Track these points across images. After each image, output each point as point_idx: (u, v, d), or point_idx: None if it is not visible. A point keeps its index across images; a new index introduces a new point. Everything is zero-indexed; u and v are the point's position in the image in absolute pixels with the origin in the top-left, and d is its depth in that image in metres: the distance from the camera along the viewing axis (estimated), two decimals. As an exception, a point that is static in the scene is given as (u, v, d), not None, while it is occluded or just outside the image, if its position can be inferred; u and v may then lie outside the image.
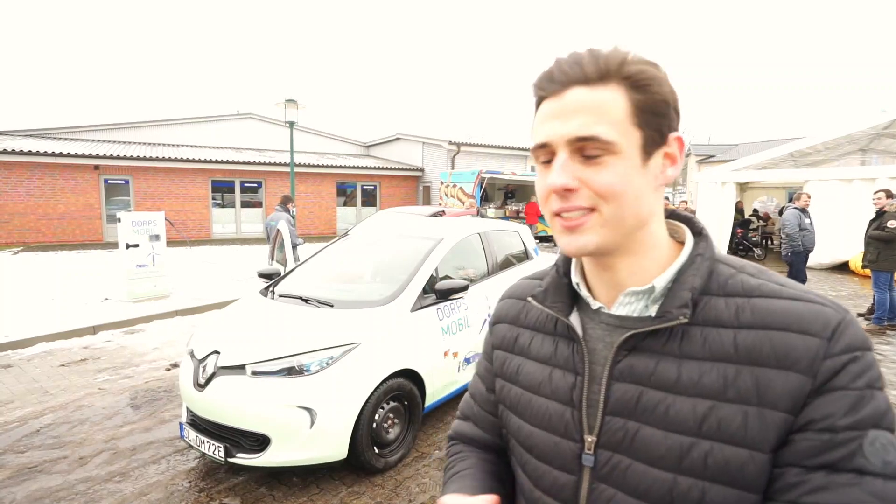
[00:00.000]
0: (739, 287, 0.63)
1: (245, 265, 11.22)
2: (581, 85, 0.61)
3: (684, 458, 0.59)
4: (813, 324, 0.58)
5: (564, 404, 0.71)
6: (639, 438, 0.63)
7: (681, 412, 0.60)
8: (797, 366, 0.57)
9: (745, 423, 0.57)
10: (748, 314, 0.61)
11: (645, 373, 0.64)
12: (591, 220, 0.62)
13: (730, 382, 0.59)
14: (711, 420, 0.58)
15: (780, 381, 0.57)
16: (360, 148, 25.46)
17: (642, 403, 0.63)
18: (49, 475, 3.21)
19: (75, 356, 5.50)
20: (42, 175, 14.66)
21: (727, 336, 0.60)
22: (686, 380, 0.61)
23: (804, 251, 7.34)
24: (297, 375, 2.93)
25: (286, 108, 9.87)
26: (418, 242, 4.11)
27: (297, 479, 3.14)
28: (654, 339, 0.64)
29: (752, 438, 0.57)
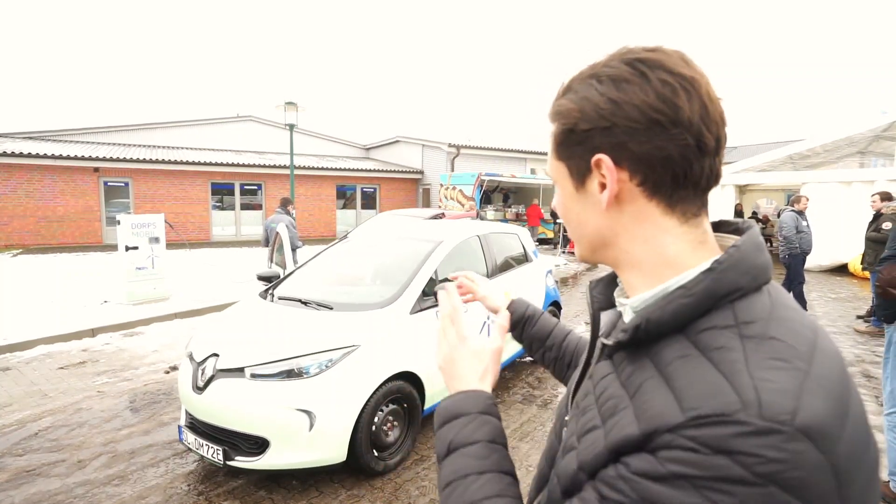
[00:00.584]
0: (707, 340, 0.52)
1: (245, 268, 11.22)
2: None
3: (561, 458, 0.64)
4: (695, 398, 0.47)
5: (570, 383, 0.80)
6: (568, 430, 0.68)
7: (584, 420, 0.61)
8: (643, 423, 0.50)
9: (590, 446, 0.57)
10: (675, 366, 0.52)
11: (597, 378, 0.65)
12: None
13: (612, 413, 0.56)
14: (588, 439, 0.58)
15: (625, 427, 0.52)
16: (360, 150, 25.48)
17: (583, 403, 0.65)
18: (47, 478, 3.20)
19: (74, 359, 5.49)
20: (41, 177, 14.66)
21: (645, 375, 0.55)
22: (604, 397, 0.60)
23: (801, 253, 7.36)
24: (297, 378, 2.92)
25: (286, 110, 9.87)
26: (418, 245, 4.11)
27: (296, 482, 3.13)
28: (621, 353, 0.62)
29: (582, 458, 0.58)
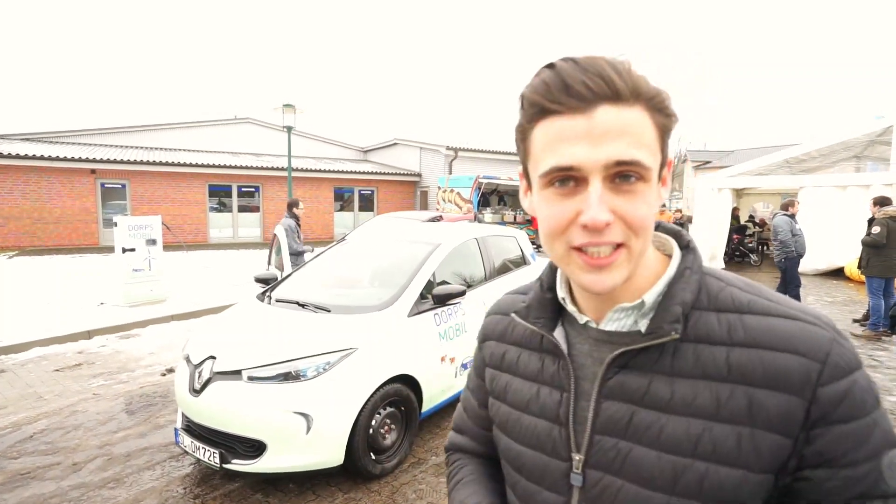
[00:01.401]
0: (730, 302, 0.62)
1: (242, 270, 11.20)
2: (611, 103, 0.55)
3: (679, 479, 0.58)
4: (805, 344, 0.57)
5: (552, 422, 0.68)
6: (631, 459, 0.61)
7: (675, 433, 0.59)
8: (789, 387, 0.56)
9: (738, 445, 0.56)
10: (741, 332, 0.59)
11: (637, 391, 0.62)
12: (621, 257, 0.58)
13: (723, 403, 0.57)
14: (706, 441, 0.57)
15: (772, 402, 0.56)
16: (358, 153, 25.49)
17: (634, 423, 0.61)
18: (42, 481, 3.18)
19: (70, 361, 5.47)
20: (38, 179, 14.61)
21: (720, 354, 0.59)
22: (679, 399, 0.59)
23: (797, 256, 7.42)
24: (294, 381, 2.92)
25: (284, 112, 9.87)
26: (415, 247, 4.11)
27: (293, 486, 3.12)
28: (645, 355, 0.62)
29: (745, 459, 0.56)
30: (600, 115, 0.55)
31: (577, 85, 0.55)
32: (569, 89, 0.55)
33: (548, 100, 0.56)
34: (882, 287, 6.47)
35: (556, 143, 0.57)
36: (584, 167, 0.55)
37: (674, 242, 0.69)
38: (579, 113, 0.55)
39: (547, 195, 0.60)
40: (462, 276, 4.22)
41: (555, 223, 0.59)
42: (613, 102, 0.55)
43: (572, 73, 0.55)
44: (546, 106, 0.57)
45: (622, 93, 0.55)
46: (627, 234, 0.57)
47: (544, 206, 0.60)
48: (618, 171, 0.56)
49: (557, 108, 0.56)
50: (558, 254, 0.61)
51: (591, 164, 0.55)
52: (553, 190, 0.59)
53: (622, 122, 0.55)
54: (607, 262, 0.57)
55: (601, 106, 0.55)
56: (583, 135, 0.55)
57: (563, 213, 0.58)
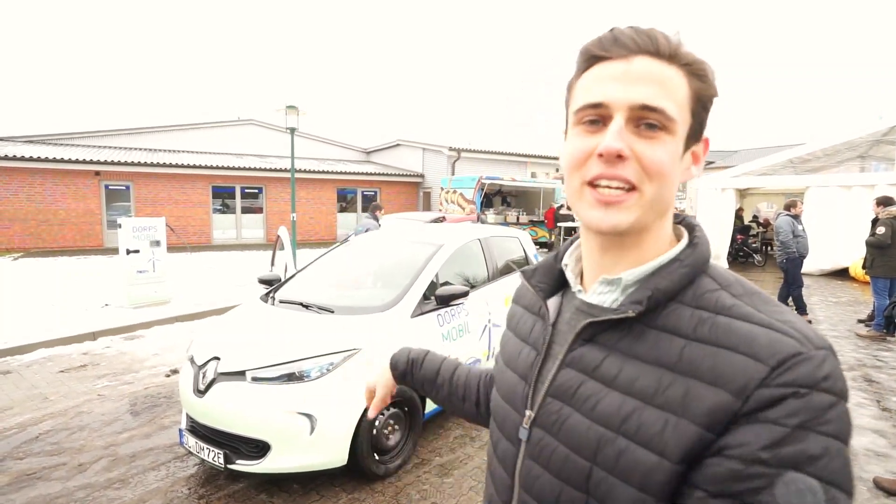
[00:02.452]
0: (712, 303, 0.61)
1: (246, 271, 11.23)
2: (652, 56, 0.59)
3: (600, 450, 0.60)
4: (764, 350, 0.54)
5: (522, 379, 0.74)
6: (567, 424, 0.65)
7: (609, 407, 0.61)
8: (730, 386, 0.54)
9: (662, 430, 0.56)
10: (706, 330, 0.58)
11: (591, 364, 0.65)
12: (632, 199, 0.60)
13: (661, 389, 0.58)
14: (633, 421, 0.59)
15: (707, 396, 0.55)
16: (361, 154, 25.53)
17: (580, 392, 0.65)
18: (48, 482, 3.19)
19: (75, 362, 5.49)
20: (43, 181, 14.69)
21: (676, 345, 0.59)
22: (623, 378, 0.61)
23: (799, 257, 7.39)
24: (298, 381, 2.92)
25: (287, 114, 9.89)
26: (419, 248, 4.11)
27: (297, 486, 3.13)
28: (611, 333, 0.64)
29: (664, 445, 0.56)
30: (638, 63, 0.59)
31: (625, 38, 0.60)
32: (617, 40, 0.60)
33: (598, 48, 0.62)
34: (887, 287, 6.45)
35: (593, 83, 0.61)
36: (611, 104, 0.59)
37: (686, 236, 0.70)
38: (621, 59, 0.60)
39: (576, 132, 0.63)
40: (465, 277, 4.22)
41: (576, 155, 0.62)
42: (653, 56, 0.59)
43: (625, 31, 0.61)
44: (595, 53, 0.62)
45: (662, 50, 0.59)
46: (641, 176, 0.59)
47: (571, 141, 0.64)
48: (642, 116, 0.59)
49: (604, 54, 0.61)
50: (574, 188, 0.64)
51: (618, 101, 0.59)
52: (582, 127, 0.62)
53: (657, 73, 0.59)
54: (616, 199, 0.60)
55: (641, 56, 0.59)
56: (619, 76, 0.59)
57: (584, 146, 0.61)
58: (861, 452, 3.58)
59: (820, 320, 7.57)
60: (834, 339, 6.53)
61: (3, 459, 3.46)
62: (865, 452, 3.58)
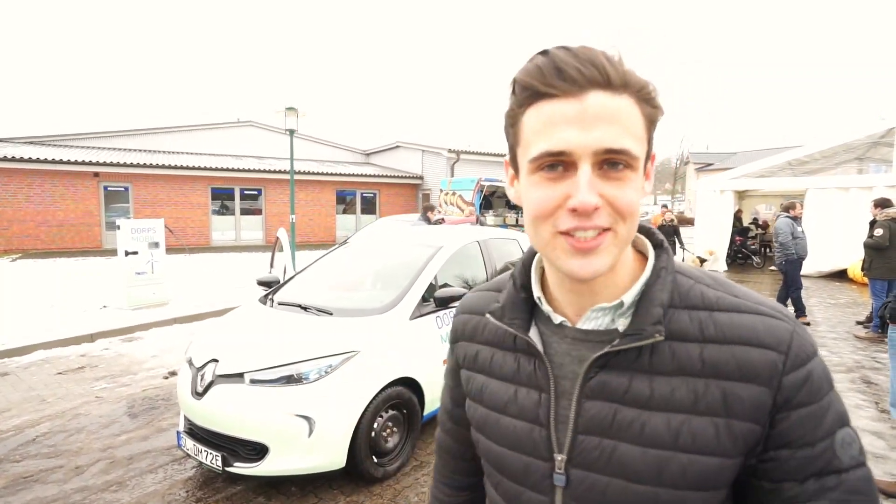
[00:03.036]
0: (699, 299, 0.64)
1: (244, 273, 11.22)
2: (602, 89, 0.56)
3: (663, 471, 0.60)
4: (771, 338, 0.61)
5: (531, 423, 0.69)
6: (616, 456, 0.62)
7: (657, 428, 0.61)
8: (758, 378, 0.59)
9: (716, 435, 0.60)
10: (711, 329, 0.62)
11: (619, 390, 0.63)
12: (607, 241, 0.58)
13: (700, 396, 0.60)
14: (685, 434, 0.60)
15: (745, 393, 0.60)
16: (360, 156, 25.54)
17: (617, 421, 0.63)
18: (45, 484, 3.18)
19: (73, 364, 5.48)
20: (41, 182, 14.68)
21: (694, 351, 0.62)
22: (658, 396, 0.61)
23: (798, 259, 7.41)
24: (296, 384, 2.92)
25: (286, 115, 9.88)
26: (417, 250, 4.11)
27: (295, 489, 3.12)
28: (624, 354, 0.63)
29: (722, 448, 0.60)
30: (592, 100, 0.55)
31: (570, 70, 0.55)
32: (562, 73, 0.55)
33: (541, 83, 0.56)
34: (885, 289, 6.45)
35: (547, 127, 0.57)
36: (574, 152, 0.56)
37: (648, 242, 0.70)
38: (571, 97, 0.56)
39: (535, 180, 0.60)
40: (464, 279, 4.22)
41: (543, 207, 0.59)
42: (604, 89, 0.56)
43: (566, 59, 0.56)
44: (539, 89, 0.57)
45: (613, 80, 0.56)
46: (614, 218, 0.58)
47: (532, 190, 0.60)
48: (606, 159, 0.56)
49: (550, 90, 0.56)
50: (544, 239, 0.61)
51: (582, 148, 0.55)
52: (542, 174, 0.59)
53: (613, 109, 0.56)
54: (594, 244, 0.58)
55: (593, 91, 0.55)
56: (574, 119, 0.55)
57: (551, 197, 0.58)
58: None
59: (819, 322, 7.57)
60: (833, 341, 6.54)
61: (0, 462, 3.44)
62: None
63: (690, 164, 41.07)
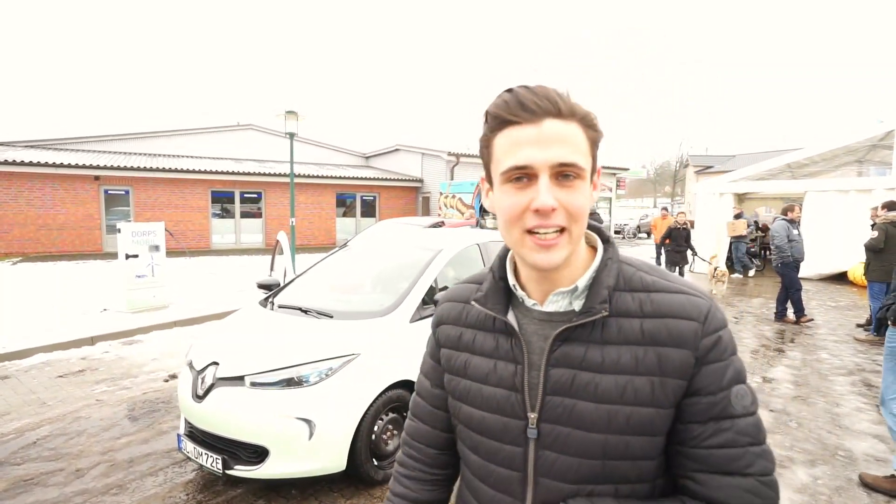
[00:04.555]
0: (639, 283, 0.81)
1: (244, 276, 11.22)
2: (555, 118, 0.72)
3: (612, 421, 0.76)
4: (693, 311, 0.77)
5: (509, 390, 0.83)
6: (576, 411, 0.78)
7: (607, 387, 0.77)
8: (685, 343, 0.76)
9: (652, 390, 0.76)
10: (649, 306, 0.78)
11: (577, 358, 0.79)
12: (563, 240, 0.74)
13: (640, 360, 0.76)
14: (629, 390, 0.76)
15: (675, 355, 0.76)
16: (360, 159, 25.58)
17: (576, 383, 0.78)
18: (45, 487, 3.18)
19: (73, 367, 5.48)
20: (42, 185, 14.70)
21: (635, 324, 0.78)
22: (608, 361, 0.77)
23: (794, 262, 7.43)
24: (296, 386, 2.92)
25: (286, 119, 9.89)
26: (417, 253, 4.12)
27: (295, 492, 3.12)
28: (581, 330, 0.79)
29: (657, 400, 0.76)
30: (547, 126, 0.72)
31: (529, 103, 0.72)
32: (524, 105, 0.72)
33: (507, 113, 0.73)
34: (883, 291, 6.45)
35: (513, 147, 0.73)
36: (535, 165, 0.72)
37: (598, 238, 0.86)
38: (531, 123, 0.72)
39: (506, 189, 0.76)
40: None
41: (513, 210, 0.75)
42: (556, 117, 0.72)
43: (526, 95, 0.73)
44: (506, 118, 0.73)
45: (563, 111, 0.72)
46: (568, 219, 0.73)
47: (504, 197, 0.76)
48: (560, 171, 0.72)
49: (515, 118, 0.73)
50: (514, 238, 0.77)
51: (541, 163, 0.72)
52: (511, 185, 0.75)
53: (564, 133, 0.72)
54: (553, 242, 0.74)
55: (547, 119, 0.72)
56: (534, 140, 0.72)
57: (519, 202, 0.74)
58: (861, 457, 3.57)
59: (819, 325, 7.58)
60: (833, 344, 6.54)
61: (0, 465, 3.45)
62: (865, 457, 3.57)
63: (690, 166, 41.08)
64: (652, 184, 68.37)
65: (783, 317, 7.74)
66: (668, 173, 62.90)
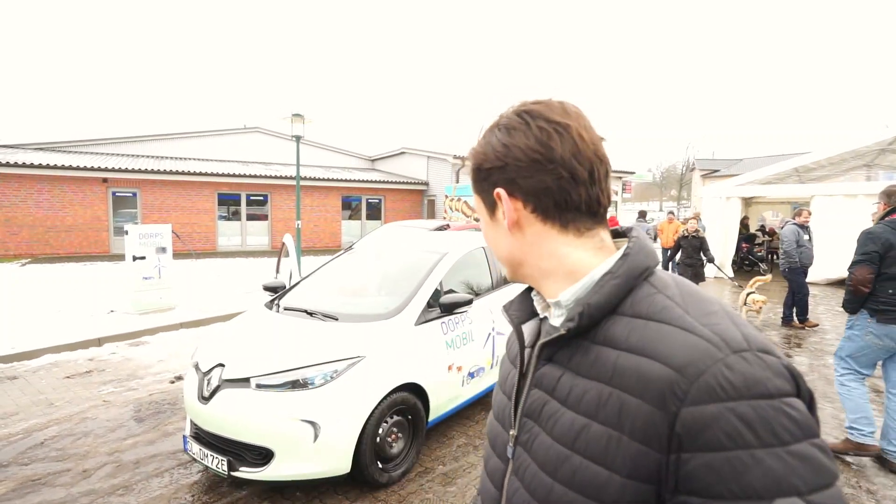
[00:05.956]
0: (646, 307, 0.62)
1: (250, 278, 11.26)
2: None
3: (559, 468, 0.63)
4: (680, 357, 0.55)
5: (508, 398, 0.79)
6: (537, 443, 0.68)
7: (564, 426, 0.64)
8: (649, 397, 0.55)
9: (607, 446, 0.58)
10: (636, 337, 0.60)
11: (551, 383, 0.69)
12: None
13: (602, 404, 0.60)
14: (582, 437, 0.61)
15: (636, 409, 0.56)
16: (366, 162, 25.64)
17: (545, 411, 0.68)
18: (52, 488, 3.21)
19: (80, 368, 5.52)
20: (51, 188, 14.82)
21: (611, 357, 0.61)
22: (573, 396, 0.64)
23: (801, 267, 7.38)
24: (302, 389, 2.93)
25: (293, 122, 9.95)
26: (423, 256, 4.13)
27: (300, 494, 3.12)
28: (565, 351, 0.68)
29: (611, 461, 0.58)
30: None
31: None
32: None
33: None
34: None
35: None
36: None
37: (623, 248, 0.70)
38: None
39: None
40: (469, 285, 4.23)
41: None
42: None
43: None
44: None
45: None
46: None
47: None
48: None
49: None
50: None
51: None
52: None
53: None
54: None
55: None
56: None
57: None
58: (869, 464, 3.54)
59: (826, 329, 7.52)
60: (840, 349, 6.48)
61: (8, 465, 3.47)
62: (873, 463, 3.55)
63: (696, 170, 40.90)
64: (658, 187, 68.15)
65: (790, 321, 7.69)
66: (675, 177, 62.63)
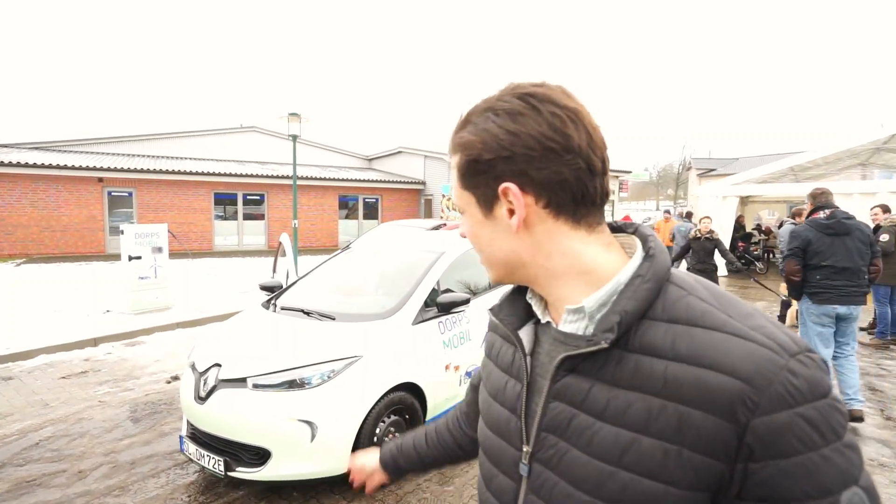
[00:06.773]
0: (683, 312, 0.60)
1: (247, 277, 11.23)
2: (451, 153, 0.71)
3: (603, 486, 0.59)
4: (746, 367, 0.54)
5: (511, 412, 0.73)
6: (566, 459, 0.64)
7: (605, 440, 0.60)
8: (716, 409, 0.54)
9: (664, 460, 0.56)
10: (684, 346, 0.57)
11: (579, 395, 0.64)
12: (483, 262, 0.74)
13: (653, 417, 0.57)
14: (632, 453, 0.58)
15: (701, 423, 0.55)
16: (363, 161, 25.62)
17: (573, 426, 0.63)
18: (48, 489, 3.19)
19: (76, 368, 5.49)
20: (46, 187, 14.76)
21: (658, 367, 0.58)
22: (613, 408, 0.60)
23: None
24: (299, 389, 2.92)
25: (289, 121, 9.93)
26: (420, 255, 4.12)
27: (297, 494, 3.12)
28: (592, 361, 0.63)
29: (670, 475, 0.56)
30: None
31: None
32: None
33: None
34: (888, 295, 6.44)
35: None
36: None
37: (640, 248, 0.68)
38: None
39: None
40: (466, 285, 4.22)
41: None
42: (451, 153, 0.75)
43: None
44: None
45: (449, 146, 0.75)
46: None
47: None
48: None
49: None
50: None
51: None
52: None
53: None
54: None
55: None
56: None
57: None
58: (865, 463, 3.55)
59: (822, 328, 7.54)
60: (836, 348, 6.50)
61: (2, 466, 3.45)
62: (870, 463, 3.56)
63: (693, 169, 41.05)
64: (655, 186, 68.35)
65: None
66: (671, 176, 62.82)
